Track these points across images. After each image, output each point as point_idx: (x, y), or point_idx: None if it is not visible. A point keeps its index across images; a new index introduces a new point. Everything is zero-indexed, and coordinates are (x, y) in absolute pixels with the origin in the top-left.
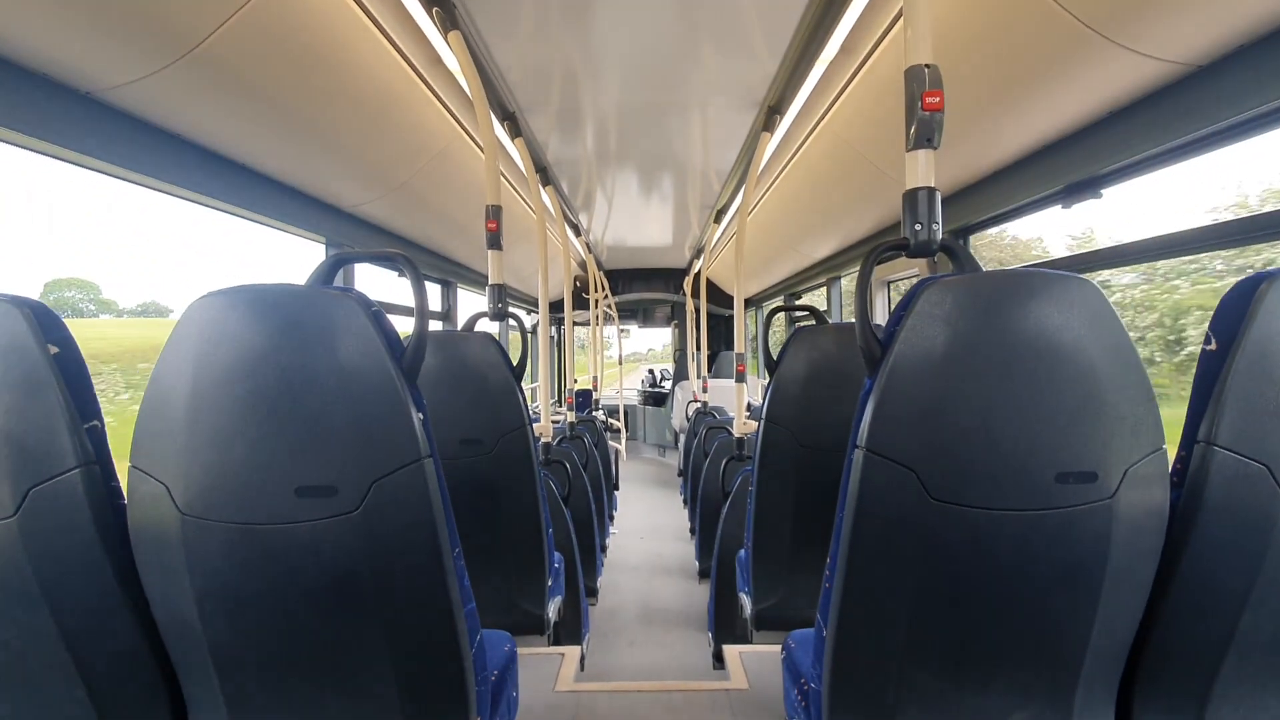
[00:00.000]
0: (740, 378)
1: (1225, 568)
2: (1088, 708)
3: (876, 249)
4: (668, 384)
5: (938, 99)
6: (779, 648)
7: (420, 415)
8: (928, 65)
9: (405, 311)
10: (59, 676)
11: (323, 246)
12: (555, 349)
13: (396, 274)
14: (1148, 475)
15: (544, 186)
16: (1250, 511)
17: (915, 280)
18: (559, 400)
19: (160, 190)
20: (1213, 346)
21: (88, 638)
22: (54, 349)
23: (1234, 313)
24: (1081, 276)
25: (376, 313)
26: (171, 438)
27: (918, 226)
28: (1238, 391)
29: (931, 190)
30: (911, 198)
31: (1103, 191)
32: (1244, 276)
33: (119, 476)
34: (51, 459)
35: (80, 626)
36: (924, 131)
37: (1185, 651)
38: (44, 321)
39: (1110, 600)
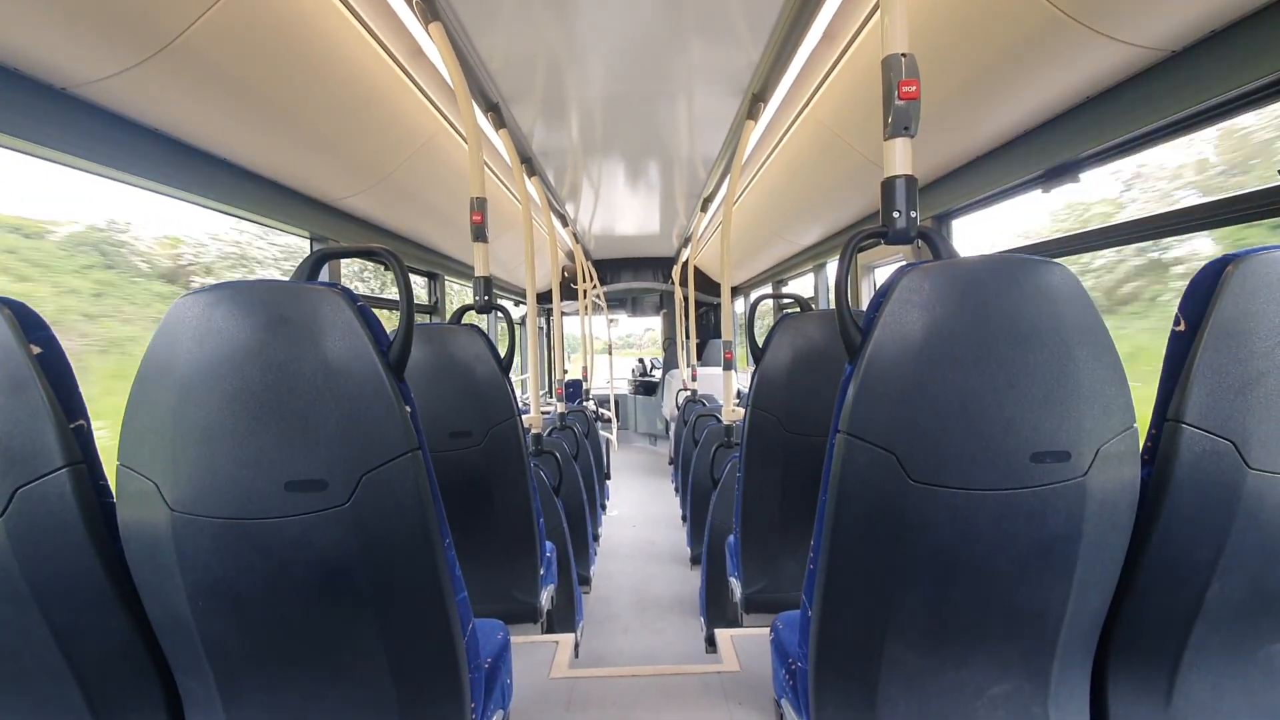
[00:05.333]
0: (728, 365)
1: (1194, 541)
2: (1064, 679)
3: (855, 237)
4: (658, 373)
5: (914, 88)
6: (768, 630)
7: (408, 408)
8: (904, 54)
9: (394, 305)
10: (52, 676)
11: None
12: (545, 340)
13: (383, 268)
14: (1119, 453)
15: (529, 177)
16: (1217, 486)
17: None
18: (549, 391)
19: (141, 187)
20: (1181, 327)
21: (80, 636)
22: (36, 349)
23: (1202, 294)
24: (1055, 260)
25: (362, 307)
26: (159, 435)
27: (896, 214)
28: (1205, 371)
29: (909, 178)
30: (889, 186)
31: (1081, 176)
32: (1214, 258)
33: (107, 475)
34: (38, 459)
35: (72, 625)
36: (901, 120)
37: (1156, 622)
38: (25, 321)
39: (1084, 575)
